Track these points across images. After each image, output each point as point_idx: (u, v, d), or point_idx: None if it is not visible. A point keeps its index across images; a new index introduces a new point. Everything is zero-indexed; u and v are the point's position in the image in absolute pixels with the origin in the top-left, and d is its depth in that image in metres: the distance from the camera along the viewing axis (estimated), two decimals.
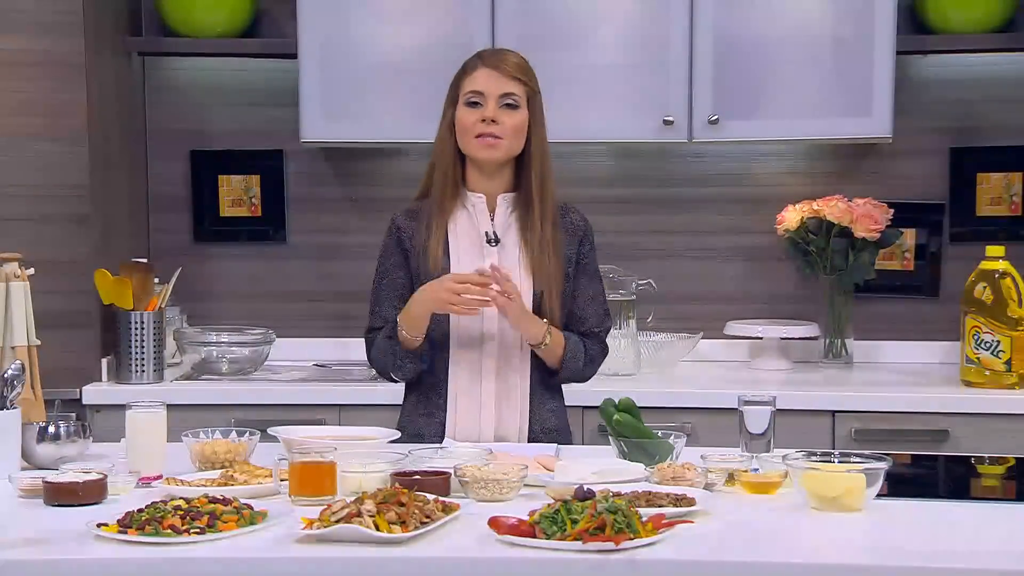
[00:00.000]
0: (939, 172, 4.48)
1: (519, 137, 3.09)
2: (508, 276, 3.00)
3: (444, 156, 3.12)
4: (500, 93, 3.07)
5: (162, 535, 2.26)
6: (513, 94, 3.08)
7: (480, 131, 3.06)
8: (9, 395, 2.79)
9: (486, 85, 3.07)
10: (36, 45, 3.92)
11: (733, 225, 4.52)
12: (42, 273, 3.21)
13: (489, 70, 3.09)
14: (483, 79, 3.08)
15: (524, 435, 3.11)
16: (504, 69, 3.08)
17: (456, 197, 3.11)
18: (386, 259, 3.18)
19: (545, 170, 3.12)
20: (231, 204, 4.62)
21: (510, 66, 3.10)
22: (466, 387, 3.11)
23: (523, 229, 3.11)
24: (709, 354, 4.45)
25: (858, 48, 4.10)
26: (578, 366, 3.15)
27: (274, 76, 4.50)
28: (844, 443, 3.82)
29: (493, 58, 3.12)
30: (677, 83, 4.14)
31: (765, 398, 2.85)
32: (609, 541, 2.19)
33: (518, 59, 3.14)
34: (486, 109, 3.06)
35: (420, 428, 3.13)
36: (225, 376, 4.19)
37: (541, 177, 3.11)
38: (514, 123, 3.07)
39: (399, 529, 2.26)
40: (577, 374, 3.18)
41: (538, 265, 3.08)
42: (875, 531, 2.39)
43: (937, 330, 4.41)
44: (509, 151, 3.09)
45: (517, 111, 3.08)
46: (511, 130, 3.07)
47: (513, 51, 3.19)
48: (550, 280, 3.09)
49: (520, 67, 3.11)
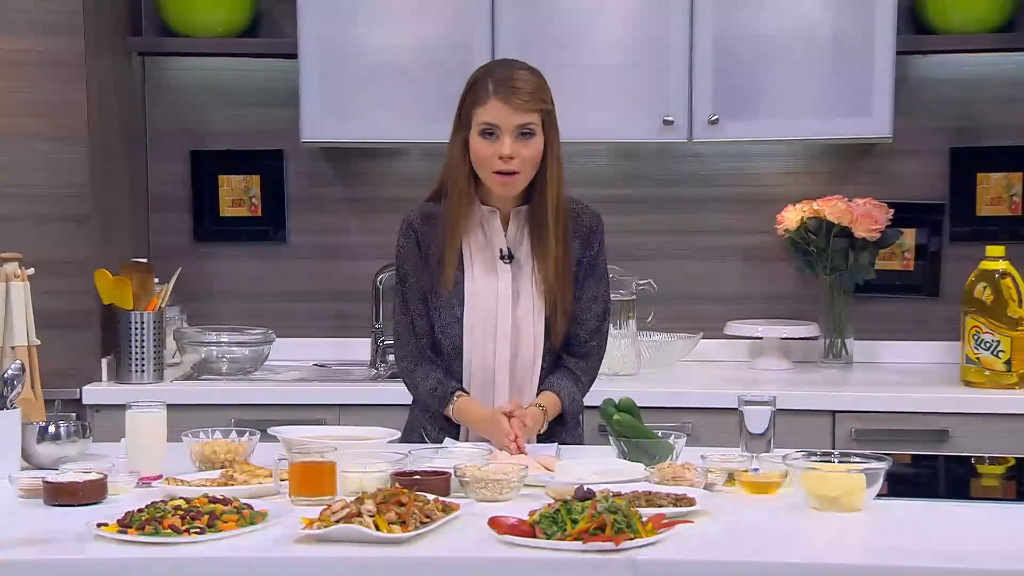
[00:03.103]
0: (939, 172, 4.48)
1: (535, 165, 3.03)
2: (524, 423, 2.98)
3: (458, 177, 3.04)
4: (515, 124, 2.99)
5: (162, 535, 2.26)
6: (529, 123, 3.00)
7: (497, 168, 3.00)
8: (9, 395, 2.79)
9: (501, 119, 2.98)
10: (36, 45, 3.92)
11: (733, 225, 4.52)
12: (42, 273, 3.21)
13: (502, 103, 2.97)
14: (497, 112, 2.98)
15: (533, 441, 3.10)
16: (517, 102, 2.97)
17: (470, 213, 3.07)
18: (406, 261, 3.12)
19: (560, 188, 3.07)
20: (231, 204, 4.62)
21: (524, 97, 2.98)
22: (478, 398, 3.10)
23: (535, 245, 3.07)
24: (709, 354, 4.45)
25: (858, 48, 4.10)
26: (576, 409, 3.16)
27: (274, 76, 4.50)
28: (844, 443, 3.82)
29: (505, 89, 2.98)
30: (677, 83, 4.14)
31: (765, 398, 2.85)
32: (609, 541, 2.19)
33: (531, 83, 3.02)
34: (502, 145, 2.97)
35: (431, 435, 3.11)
36: (225, 376, 4.19)
37: (556, 196, 3.06)
38: (531, 153, 3.00)
39: (399, 529, 2.26)
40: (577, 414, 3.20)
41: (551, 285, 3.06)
42: (875, 531, 2.39)
43: (937, 330, 4.41)
44: (526, 182, 3.04)
45: (533, 139, 3.00)
46: (529, 162, 3.01)
47: (524, 68, 3.07)
48: (562, 299, 3.08)
49: (534, 94, 3.00)
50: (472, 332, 3.08)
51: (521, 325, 3.07)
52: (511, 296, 3.07)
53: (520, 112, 2.99)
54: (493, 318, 3.06)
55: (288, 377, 4.22)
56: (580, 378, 3.15)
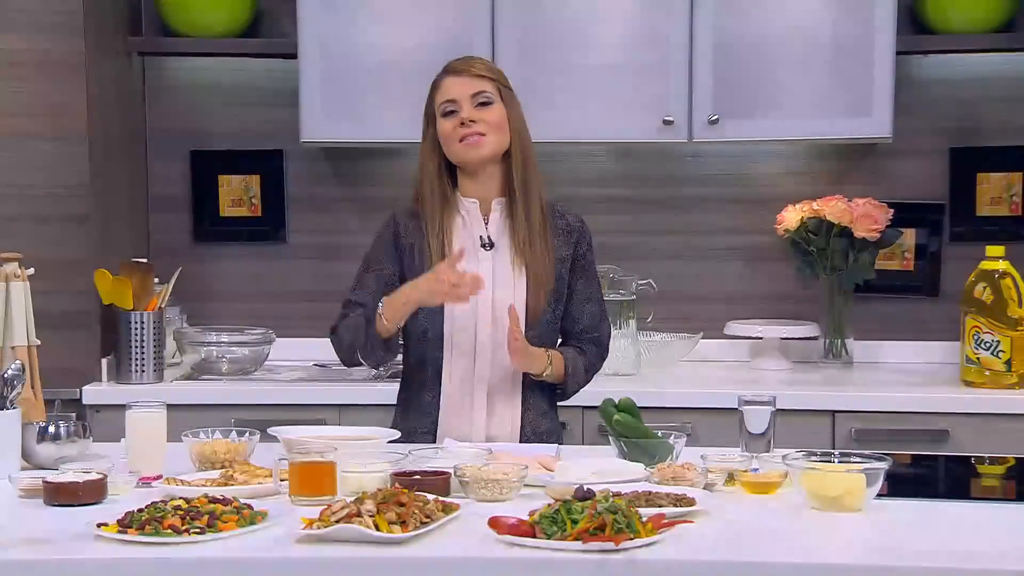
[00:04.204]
0: (939, 172, 4.48)
1: (502, 131, 3.11)
2: (516, 319, 3.01)
3: (428, 172, 3.16)
4: (471, 93, 3.10)
5: (162, 535, 2.26)
6: (484, 91, 3.11)
7: (462, 134, 3.08)
8: (9, 395, 2.79)
9: (456, 91, 3.11)
10: (36, 45, 3.92)
11: (733, 225, 4.52)
12: (42, 273, 3.21)
13: (455, 76, 3.14)
14: (452, 86, 3.12)
15: (516, 438, 3.12)
16: (470, 71, 3.13)
17: (449, 205, 3.13)
18: (379, 250, 3.19)
19: (528, 166, 3.14)
20: (231, 204, 4.62)
21: (475, 67, 3.15)
22: (458, 389, 3.12)
23: (513, 230, 3.12)
24: (709, 354, 4.45)
25: (858, 48, 4.10)
26: (579, 382, 3.19)
27: (274, 76, 4.50)
28: (844, 443, 3.82)
29: (456, 64, 3.17)
30: (677, 83, 4.14)
31: (765, 398, 2.85)
32: (609, 541, 2.19)
33: (483, 62, 3.21)
34: (462, 112, 3.09)
35: (412, 425, 3.14)
36: (225, 376, 4.19)
37: (524, 173, 3.12)
38: (493, 117, 3.10)
39: (399, 529, 2.26)
40: (578, 387, 3.22)
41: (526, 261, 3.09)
42: (875, 531, 2.39)
43: (937, 330, 4.41)
44: (495, 147, 3.10)
45: (492, 106, 3.11)
46: (492, 125, 3.09)
47: (478, 56, 3.29)
48: (538, 276, 3.10)
49: (486, 66, 3.18)
50: (453, 317, 3.10)
51: (502, 308, 3.07)
52: (492, 281, 3.09)
53: (474, 80, 3.12)
54: (474, 300, 3.07)
55: (288, 377, 4.22)
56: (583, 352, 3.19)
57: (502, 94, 3.13)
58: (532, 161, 3.15)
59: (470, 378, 3.12)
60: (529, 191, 3.12)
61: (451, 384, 3.12)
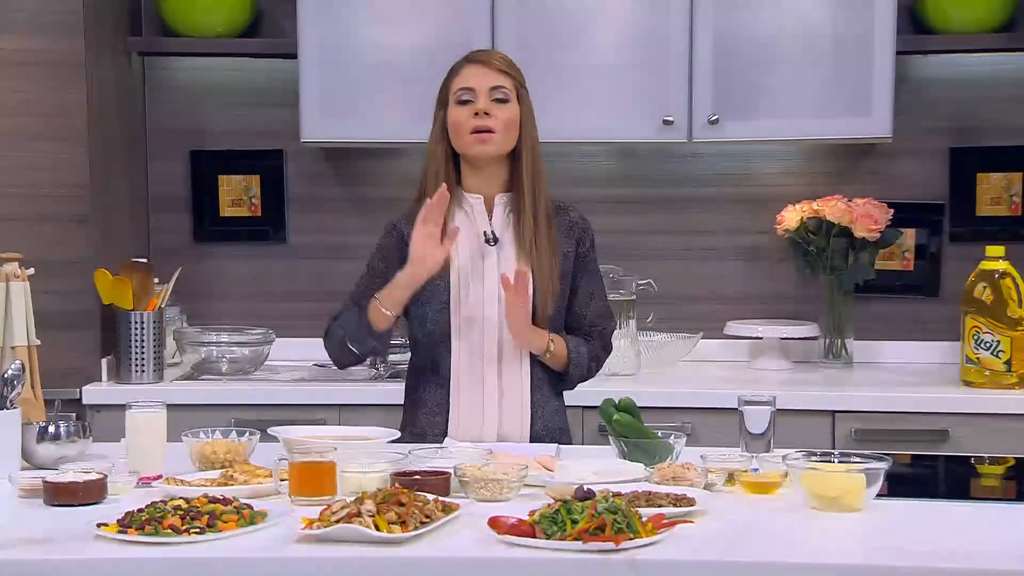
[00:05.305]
0: (939, 172, 4.48)
1: (511, 132, 3.10)
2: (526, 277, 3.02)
3: (436, 158, 3.13)
4: (490, 87, 3.09)
5: (162, 535, 2.26)
6: (503, 87, 3.10)
7: (474, 126, 3.07)
8: (9, 395, 2.79)
9: (475, 81, 3.10)
10: (36, 45, 3.92)
11: (733, 225, 4.52)
12: (42, 273, 3.22)
13: (477, 66, 3.12)
14: (472, 75, 3.11)
15: (526, 434, 3.12)
16: (492, 64, 3.12)
17: (453, 199, 3.11)
18: (380, 260, 3.18)
19: (536, 167, 3.13)
20: (231, 204, 4.62)
21: (497, 60, 3.13)
22: (468, 386, 3.12)
23: (517, 227, 3.12)
24: (709, 354, 4.45)
25: (858, 48, 4.10)
26: (582, 370, 3.18)
27: (274, 76, 4.50)
28: (844, 443, 3.82)
29: (478, 55, 3.17)
30: (677, 83, 4.14)
31: (765, 398, 2.85)
32: (609, 541, 2.19)
33: (505, 56, 3.19)
34: (478, 103, 3.08)
35: (423, 427, 3.13)
36: (225, 376, 4.19)
37: (532, 174, 3.11)
38: (506, 116, 3.08)
39: (399, 529, 2.26)
40: (582, 377, 3.21)
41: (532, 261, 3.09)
42: (875, 531, 2.39)
43: (937, 330, 4.41)
44: (501, 146, 3.10)
45: (508, 105, 3.10)
46: (503, 124, 3.08)
47: (499, 51, 3.25)
48: (543, 276, 3.10)
49: (507, 62, 3.15)
50: (459, 314, 3.10)
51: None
52: (497, 276, 3.08)
53: (494, 73, 3.11)
54: (479, 297, 3.07)
55: (288, 377, 4.22)
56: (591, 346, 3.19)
57: (519, 93, 3.12)
58: (540, 161, 3.15)
59: (479, 376, 3.11)
60: (537, 191, 3.12)
61: (460, 382, 3.12)
